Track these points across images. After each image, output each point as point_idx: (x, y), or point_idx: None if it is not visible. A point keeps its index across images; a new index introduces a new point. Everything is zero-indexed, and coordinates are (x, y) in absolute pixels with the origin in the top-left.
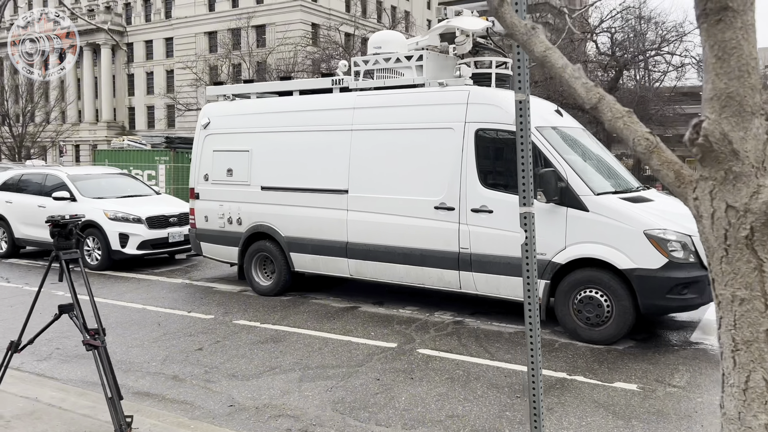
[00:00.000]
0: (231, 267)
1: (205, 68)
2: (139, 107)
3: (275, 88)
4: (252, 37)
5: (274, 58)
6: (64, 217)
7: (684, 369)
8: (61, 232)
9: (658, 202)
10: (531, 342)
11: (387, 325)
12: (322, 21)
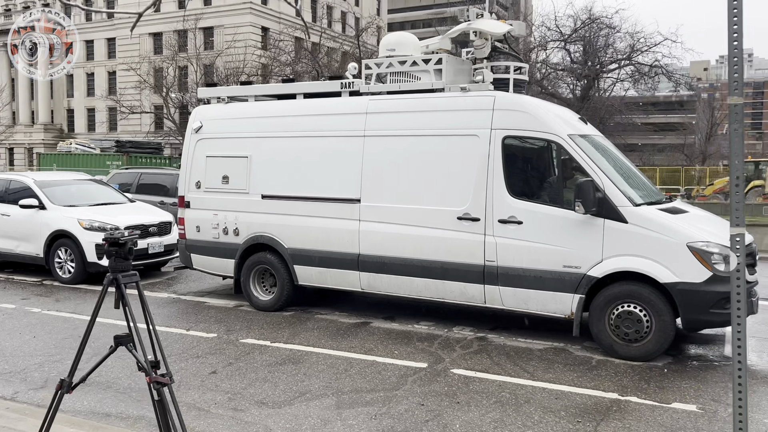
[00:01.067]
0: (223, 280)
1: (150, 70)
2: (79, 109)
3: (277, 90)
4: (200, 40)
5: (223, 61)
6: (123, 234)
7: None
8: (119, 251)
9: (692, 213)
10: (739, 383)
11: (408, 343)
12: (272, 25)
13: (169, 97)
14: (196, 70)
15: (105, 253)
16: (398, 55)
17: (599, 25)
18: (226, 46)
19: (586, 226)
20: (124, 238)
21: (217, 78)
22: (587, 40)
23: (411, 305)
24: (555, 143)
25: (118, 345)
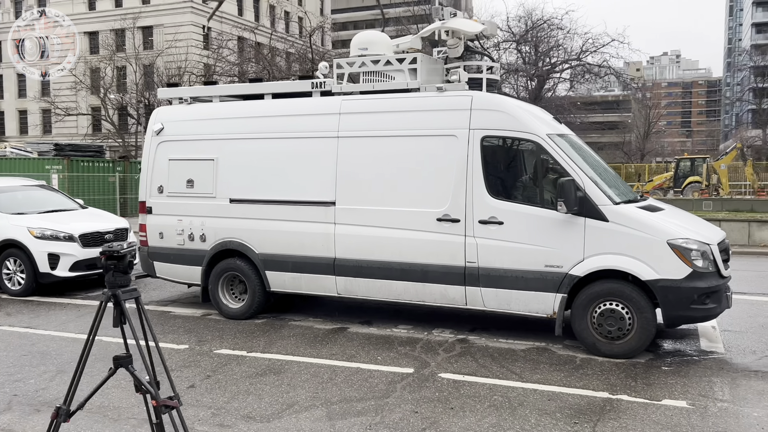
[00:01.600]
0: (189, 288)
1: (86, 71)
2: (10, 111)
3: (243, 90)
4: (138, 39)
5: (164, 61)
6: (122, 246)
7: (719, 381)
8: (118, 265)
9: (668, 210)
10: None
11: (389, 348)
12: (214, 24)
13: (107, 99)
14: (135, 70)
15: (102, 267)
16: (371, 55)
17: (550, 26)
18: (167, 46)
19: (567, 225)
20: (123, 250)
21: (158, 78)
22: (538, 41)
23: (387, 308)
24: (534, 143)
25: (118, 366)
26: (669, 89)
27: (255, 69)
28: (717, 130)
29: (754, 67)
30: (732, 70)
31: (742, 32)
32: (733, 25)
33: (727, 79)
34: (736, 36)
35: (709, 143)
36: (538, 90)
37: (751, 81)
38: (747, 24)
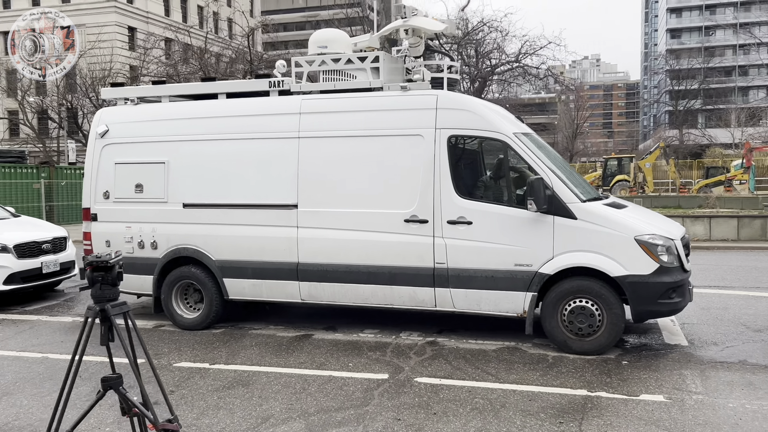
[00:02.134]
0: (138, 299)
1: (2, 72)
2: None
3: (195, 90)
4: None
5: (87, 63)
6: (110, 256)
7: (689, 374)
8: (106, 277)
9: (631, 207)
10: None
11: (359, 353)
12: (139, 25)
13: (26, 102)
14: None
15: (89, 280)
16: (331, 53)
17: (489, 28)
18: (89, 47)
19: (536, 224)
20: (112, 260)
21: (81, 80)
22: (478, 43)
23: (350, 313)
24: (502, 142)
25: (107, 389)
26: (591, 92)
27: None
28: (636, 130)
29: (669, 70)
30: (649, 74)
31: (658, 37)
32: (648, 30)
33: (644, 82)
34: (651, 41)
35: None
36: (479, 92)
37: (668, 84)
38: (662, 30)
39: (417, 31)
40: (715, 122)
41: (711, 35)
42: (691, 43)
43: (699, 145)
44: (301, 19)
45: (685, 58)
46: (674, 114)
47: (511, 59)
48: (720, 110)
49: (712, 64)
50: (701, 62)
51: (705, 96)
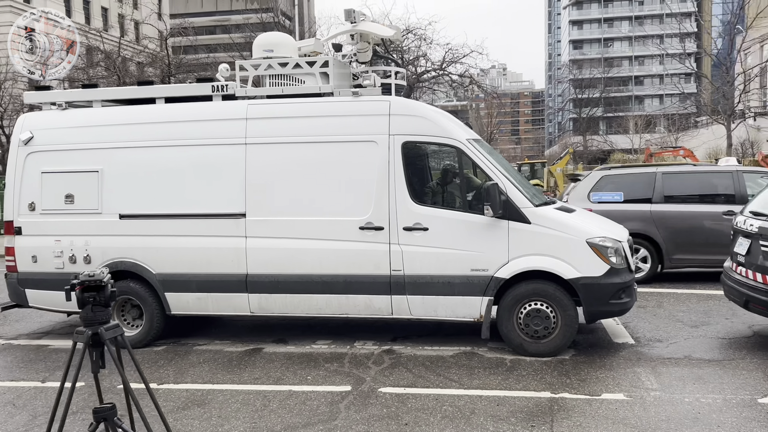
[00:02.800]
0: (68, 317)
1: None
2: None
3: (131, 94)
4: None
5: None
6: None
7: (642, 371)
8: (98, 297)
9: (579, 212)
10: None
11: (316, 366)
12: (38, 26)
13: None
14: None
15: (79, 301)
16: (278, 57)
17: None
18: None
19: (491, 229)
20: (105, 279)
21: None
22: (403, 51)
23: (299, 324)
24: (456, 148)
25: (100, 421)
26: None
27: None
28: (542, 137)
29: (573, 79)
30: (553, 83)
31: (561, 48)
32: (552, 41)
33: (549, 91)
34: (555, 51)
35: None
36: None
37: (571, 92)
38: (565, 41)
39: (365, 37)
40: (615, 129)
41: (609, 47)
42: (591, 54)
43: (602, 151)
44: (211, 23)
45: (586, 68)
46: (578, 121)
47: (436, 67)
48: (619, 118)
49: (612, 74)
50: (601, 72)
51: (605, 104)
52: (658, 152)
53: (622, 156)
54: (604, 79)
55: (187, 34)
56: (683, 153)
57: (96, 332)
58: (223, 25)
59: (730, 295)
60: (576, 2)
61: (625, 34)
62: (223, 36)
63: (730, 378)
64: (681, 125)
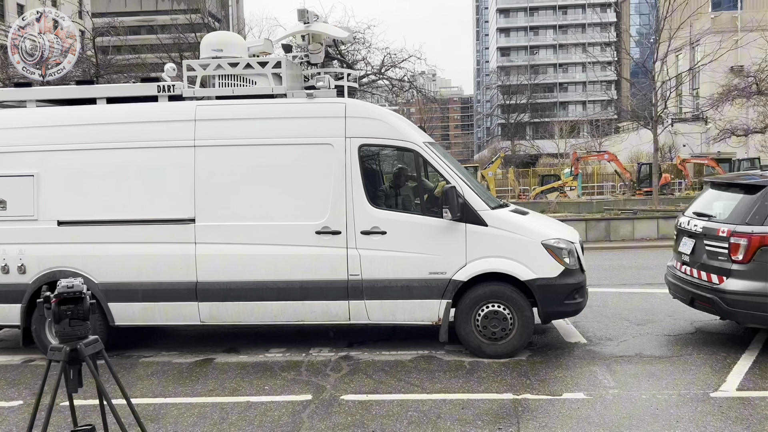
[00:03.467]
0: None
1: None
2: None
3: (69, 94)
4: None
5: None
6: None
7: (598, 370)
8: (77, 310)
9: (532, 214)
10: None
11: (272, 375)
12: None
13: None
14: None
15: (54, 315)
16: (228, 57)
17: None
18: None
19: (449, 232)
20: (84, 291)
21: None
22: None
23: (249, 333)
24: (413, 151)
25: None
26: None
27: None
28: (471, 142)
29: (501, 86)
30: (482, 89)
31: (489, 55)
32: (480, 48)
33: (477, 97)
34: (483, 58)
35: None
36: None
37: (500, 98)
38: (493, 48)
39: (317, 38)
40: (542, 134)
41: (535, 54)
42: (518, 61)
43: (529, 155)
44: (135, 23)
45: (514, 74)
46: (506, 126)
47: (375, 71)
48: (545, 123)
49: (538, 80)
50: (528, 79)
51: (532, 110)
52: (584, 156)
53: (550, 160)
54: (531, 85)
55: (117, 33)
56: (608, 157)
57: (75, 348)
58: (148, 25)
59: (675, 293)
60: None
61: (550, 42)
62: (150, 36)
63: (680, 374)
64: (604, 130)
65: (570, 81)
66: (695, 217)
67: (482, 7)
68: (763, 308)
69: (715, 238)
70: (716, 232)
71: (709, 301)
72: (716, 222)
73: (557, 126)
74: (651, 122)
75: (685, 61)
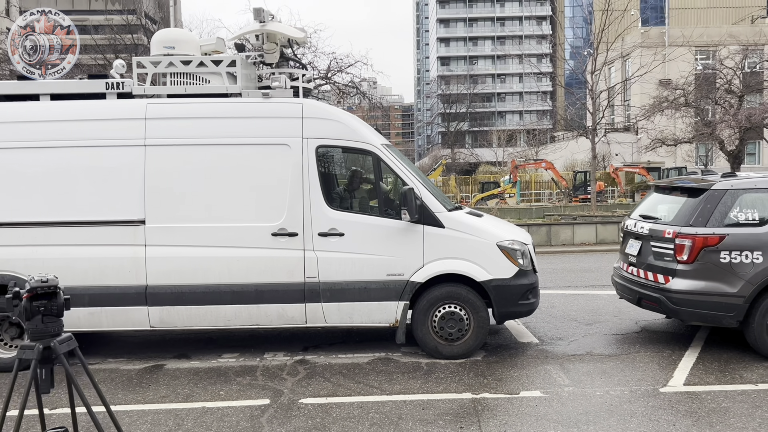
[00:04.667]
0: None
1: None
2: None
3: (9, 90)
4: None
5: None
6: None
7: (552, 369)
8: (49, 306)
9: (487, 217)
10: None
11: (227, 380)
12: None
13: None
14: None
15: (26, 311)
16: (180, 54)
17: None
18: None
19: (407, 233)
20: (52, 286)
21: None
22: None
23: (199, 337)
24: (371, 153)
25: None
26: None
27: None
28: (412, 149)
29: (441, 95)
30: (422, 97)
31: (430, 64)
32: (420, 57)
33: (418, 105)
34: (423, 67)
35: None
36: None
37: (440, 107)
38: (433, 57)
39: (272, 37)
40: (481, 142)
41: (474, 64)
42: (458, 71)
43: (469, 163)
44: None
45: (454, 83)
46: (446, 135)
47: (322, 75)
48: (484, 132)
49: (477, 90)
50: (467, 88)
51: (471, 119)
52: (522, 164)
53: (489, 168)
54: (470, 95)
55: None
56: (545, 165)
57: (48, 346)
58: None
59: (622, 293)
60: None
61: (489, 53)
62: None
63: (630, 371)
64: (540, 140)
65: (508, 91)
66: (641, 219)
67: (423, 17)
68: (706, 306)
69: (661, 240)
70: (662, 233)
71: (655, 300)
72: (662, 224)
73: (496, 135)
74: (589, 131)
75: (617, 74)
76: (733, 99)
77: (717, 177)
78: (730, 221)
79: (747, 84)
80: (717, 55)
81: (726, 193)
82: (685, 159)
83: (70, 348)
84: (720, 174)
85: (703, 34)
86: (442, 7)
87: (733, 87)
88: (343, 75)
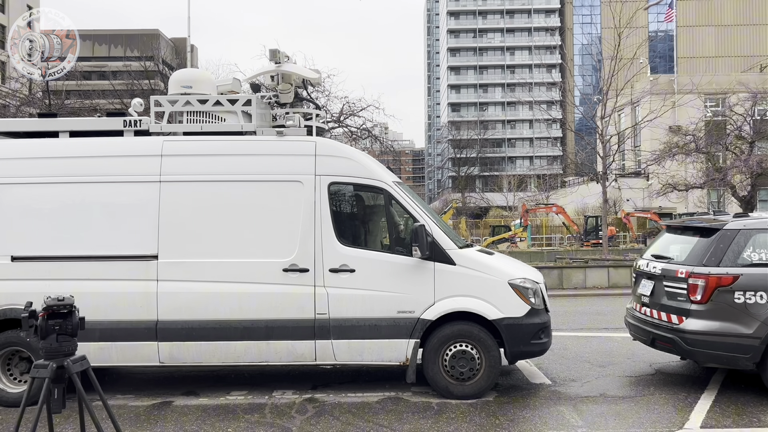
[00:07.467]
0: None
1: None
2: None
3: (31, 126)
4: None
5: None
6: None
7: (565, 410)
8: (65, 325)
9: (498, 255)
10: None
11: (235, 418)
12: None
13: None
14: None
15: (41, 330)
16: (197, 93)
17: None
18: None
19: (418, 270)
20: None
21: None
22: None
23: (208, 375)
24: (383, 190)
25: None
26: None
27: None
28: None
29: (451, 140)
30: (433, 142)
31: (440, 110)
32: (431, 104)
33: (429, 150)
34: (434, 113)
35: None
36: None
37: (450, 152)
38: (444, 103)
39: (287, 78)
40: (491, 186)
41: (485, 111)
42: (468, 117)
43: (479, 207)
44: (87, 68)
45: (464, 129)
46: (457, 179)
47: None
48: (494, 176)
49: (487, 135)
50: (477, 134)
51: (481, 164)
52: (533, 208)
53: (500, 212)
54: (480, 140)
55: (74, 78)
56: (556, 209)
57: (61, 365)
58: (100, 71)
59: (636, 334)
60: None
61: (499, 99)
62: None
63: (645, 413)
64: (550, 184)
65: (518, 137)
66: (654, 259)
67: (434, 65)
68: (722, 347)
69: (674, 279)
70: (675, 273)
71: (669, 341)
72: (674, 264)
73: (506, 179)
74: (600, 176)
75: (627, 120)
76: (743, 145)
77: (729, 217)
78: (744, 261)
79: (758, 130)
80: (726, 101)
81: (739, 233)
82: (696, 205)
83: (83, 368)
84: (732, 214)
85: (711, 82)
86: (453, 56)
87: (743, 133)
88: (356, 118)
